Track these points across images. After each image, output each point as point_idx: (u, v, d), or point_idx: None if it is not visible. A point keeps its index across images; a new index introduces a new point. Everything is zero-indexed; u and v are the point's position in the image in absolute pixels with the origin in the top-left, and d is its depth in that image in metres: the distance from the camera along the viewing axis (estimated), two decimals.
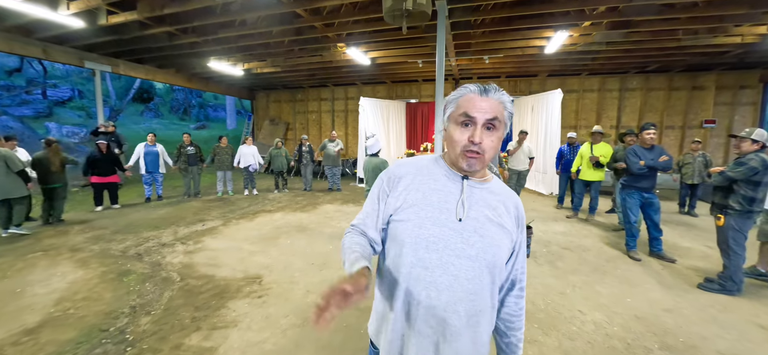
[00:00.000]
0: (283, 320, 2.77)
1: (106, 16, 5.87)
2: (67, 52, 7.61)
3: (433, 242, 0.88)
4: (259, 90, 13.61)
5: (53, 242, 4.66)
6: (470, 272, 0.88)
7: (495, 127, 0.88)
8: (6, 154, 4.80)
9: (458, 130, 0.89)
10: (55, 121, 14.78)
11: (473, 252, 0.88)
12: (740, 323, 2.75)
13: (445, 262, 0.87)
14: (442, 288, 0.87)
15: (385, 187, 0.99)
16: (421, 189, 0.94)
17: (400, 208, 0.93)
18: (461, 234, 0.89)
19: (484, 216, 0.92)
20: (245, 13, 5.79)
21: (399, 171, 0.99)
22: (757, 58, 7.74)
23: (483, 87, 0.89)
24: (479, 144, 0.86)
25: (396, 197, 0.95)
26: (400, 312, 0.92)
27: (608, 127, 9.77)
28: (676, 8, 5.34)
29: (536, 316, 2.83)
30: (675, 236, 5.01)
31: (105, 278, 3.54)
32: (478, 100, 0.87)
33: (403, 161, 1.03)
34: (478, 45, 7.32)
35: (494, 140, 0.88)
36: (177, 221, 5.76)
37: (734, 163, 3.10)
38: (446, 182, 0.95)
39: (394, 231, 0.94)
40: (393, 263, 0.94)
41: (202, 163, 7.95)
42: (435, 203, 0.91)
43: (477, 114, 0.86)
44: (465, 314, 0.88)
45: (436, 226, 0.89)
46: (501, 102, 0.88)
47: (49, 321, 2.74)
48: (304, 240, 4.77)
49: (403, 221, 0.92)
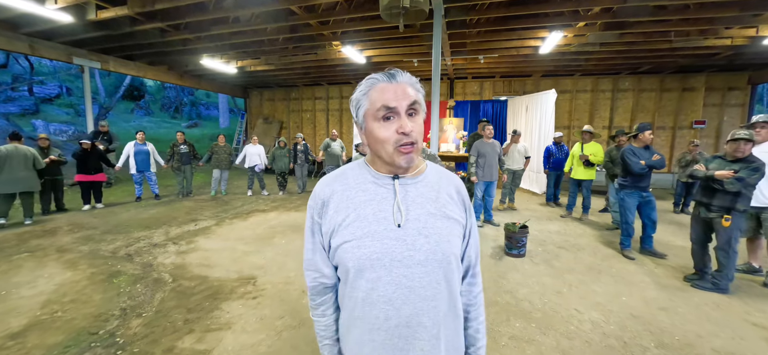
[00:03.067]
0: (278, 321, 2.72)
1: (96, 10, 5.75)
2: (54, 47, 7.42)
3: (377, 259, 0.80)
4: (252, 88, 13.47)
5: (40, 243, 4.53)
6: (424, 279, 0.80)
7: (416, 111, 0.81)
8: (34, 153, 5.48)
9: (381, 127, 0.80)
10: (42, 118, 14.46)
11: (422, 256, 0.80)
12: (734, 321, 2.78)
13: (395, 275, 0.80)
14: (399, 304, 0.80)
15: (315, 216, 0.89)
16: (351, 205, 0.84)
17: (335, 232, 0.84)
18: (404, 241, 0.81)
19: (426, 213, 0.84)
20: (239, 10, 5.70)
21: (324, 193, 0.88)
22: (745, 60, 7.90)
23: (389, 73, 0.81)
24: (410, 132, 0.78)
25: (328, 222, 0.86)
26: (361, 342, 0.84)
27: (601, 128, 9.88)
28: (669, 10, 5.41)
29: (534, 315, 2.83)
30: (668, 235, 5.07)
31: (94, 280, 3.45)
32: (393, 87, 0.79)
33: (326, 180, 0.91)
34: (473, 44, 7.34)
35: (420, 125, 0.81)
36: (169, 221, 5.66)
37: (749, 168, 3.02)
38: (376, 188, 0.85)
39: (336, 258, 0.85)
40: (344, 290, 0.87)
41: (197, 160, 7.80)
42: (370, 216, 0.82)
43: (396, 102, 0.78)
44: (432, 324, 0.82)
45: (376, 240, 0.80)
46: (411, 85, 0.81)
47: (36, 324, 2.66)
48: (299, 240, 4.71)
49: (341, 244, 0.83)
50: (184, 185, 7.73)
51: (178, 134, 7.58)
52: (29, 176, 5.40)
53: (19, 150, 5.35)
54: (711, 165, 3.30)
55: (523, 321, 2.71)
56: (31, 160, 5.43)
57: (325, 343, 0.96)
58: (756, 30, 6.07)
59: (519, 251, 4.10)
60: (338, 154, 8.40)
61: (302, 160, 8.45)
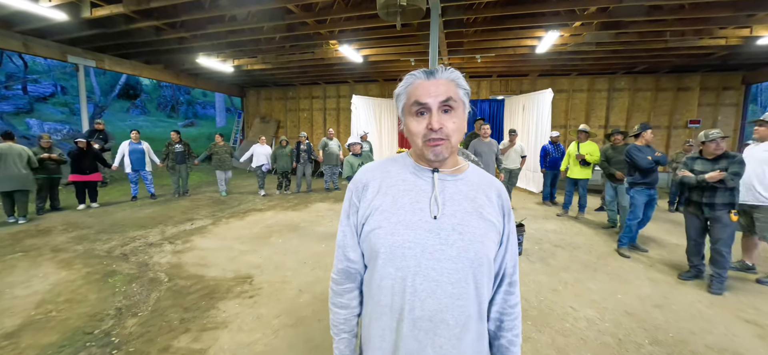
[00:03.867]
0: (274, 320, 2.72)
1: (90, 8, 5.70)
2: (49, 46, 7.36)
3: (409, 248, 0.81)
4: (249, 87, 13.42)
5: (34, 243, 4.50)
6: (453, 275, 0.80)
7: (452, 108, 0.82)
8: (28, 151, 5.53)
9: (414, 121, 0.83)
10: (36, 117, 14.33)
11: (453, 252, 0.80)
12: (726, 318, 2.81)
13: (424, 267, 0.80)
14: (425, 296, 0.80)
15: (354, 199, 0.91)
16: (390, 192, 0.86)
17: (370, 216, 0.86)
18: (438, 234, 0.81)
19: (463, 210, 0.84)
20: (235, 9, 5.68)
21: (364, 177, 0.91)
22: (739, 60, 7.97)
23: (429, 70, 0.83)
24: (439, 129, 0.80)
25: (365, 206, 0.88)
26: (385, 331, 0.85)
27: (597, 127, 9.93)
28: (664, 10, 5.45)
29: (529, 313, 2.84)
30: (662, 232, 5.11)
31: (89, 279, 3.43)
32: (427, 84, 0.81)
33: (368, 166, 0.95)
34: (470, 44, 7.35)
35: (455, 121, 0.82)
36: (165, 220, 5.63)
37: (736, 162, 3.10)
38: (415, 179, 0.87)
39: (367, 242, 0.86)
40: (371, 277, 0.88)
41: (192, 159, 7.73)
42: (406, 205, 0.84)
43: (429, 99, 0.80)
44: (455, 323, 0.81)
45: (410, 229, 0.82)
46: (452, 80, 0.82)
47: (30, 324, 2.64)
48: (296, 239, 4.70)
49: (375, 229, 0.84)
50: (179, 184, 7.70)
51: (173, 134, 7.54)
52: (24, 175, 5.42)
53: (14, 149, 5.34)
54: (695, 166, 3.35)
55: None
56: (26, 159, 5.47)
57: (343, 336, 0.95)
58: (750, 30, 6.12)
59: None
60: (336, 153, 8.37)
61: (305, 159, 8.37)
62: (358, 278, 0.95)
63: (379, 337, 0.86)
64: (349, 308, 0.95)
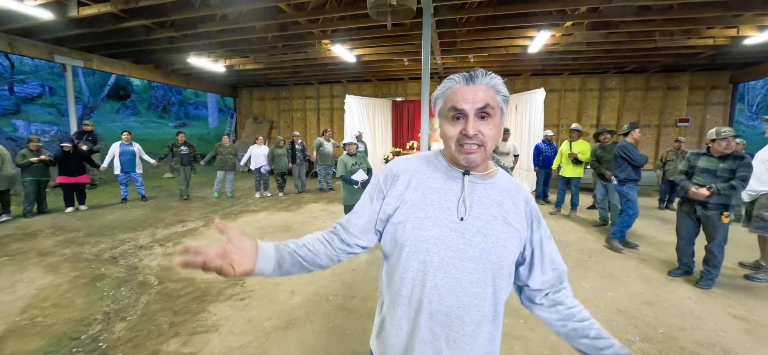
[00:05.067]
0: (266, 322, 2.69)
1: (77, 7, 5.58)
2: (35, 45, 7.21)
3: (434, 244, 0.83)
4: (242, 87, 13.31)
5: (20, 246, 4.40)
6: (474, 275, 0.82)
7: (489, 114, 0.82)
8: (7, 153, 5.61)
9: (450, 126, 0.84)
10: (23, 118, 14.06)
11: (476, 253, 0.82)
12: (715, 314, 2.85)
13: (446, 264, 0.82)
14: (444, 292, 0.82)
15: (382, 185, 0.93)
16: (419, 188, 0.89)
17: (399, 209, 0.88)
18: (463, 234, 0.83)
19: (489, 214, 0.86)
20: (226, 7, 5.61)
21: (396, 169, 0.94)
22: (727, 60, 8.11)
23: (469, 74, 0.83)
24: (474, 136, 0.81)
25: (394, 197, 0.90)
26: (404, 319, 0.87)
27: (588, 126, 10.02)
28: (653, 10, 5.52)
29: (522, 312, 2.85)
30: (652, 230, 5.17)
31: (76, 284, 3.36)
32: (465, 90, 0.82)
33: (401, 159, 0.96)
34: (463, 43, 7.37)
35: (492, 128, 0.82)
36: (155, 223, 5.55)
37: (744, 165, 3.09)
38: (446, 179, 0.89)
39: (392, 233, 0.88)
40: (393, 268, 0.90)
41: (196, 161, 7.49)
42: (435, 202, 0.86)
43: (465, 105, 0.81)
44: (470, 321, 0.83)
45: (436, 226, 0.84)
46: (491, 86, 0.82)
47: (15, 330, 2.58)
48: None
49: (402, 222, 0.86)
50: (186, 185, 7.43)
51: (179, 135, 7.32)
52: (7, 175, 5.47)
53: None
54: (699, 162, 3.34)
55: (512, 318, 2.73)
56: (9, 160, 5.53)
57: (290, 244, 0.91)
58: (737, 30, 6.23)
59: None
60: (331, 153, 8.33)
61: (301, 159, 8.29)
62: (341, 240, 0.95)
63: (396, 326, 0.88)
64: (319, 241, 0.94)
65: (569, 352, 2.35)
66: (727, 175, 3.15)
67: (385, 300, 0.94)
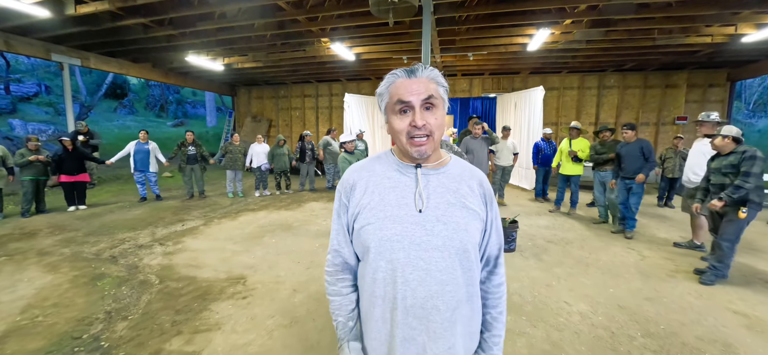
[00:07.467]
0: (269, 320, 2.69)
1: (74, 5, 5.54)
2: (31, 44, 7.16)
3: (397, 241, 0.85)
4: (240, 86, 13.26)
5: (19, 246, 4.37)
6: (441, 263, 0.85)
7: (434, 105, 0.85)
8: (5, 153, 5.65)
9: (398, 119, 0.86)
10: (19, 118, 13.96)
11: (439, 242, 0.85)
12: (716, 309, 2.87)
13: (413, 258, 0.85)
14: (416, 285, 0.85)
15: (343, 198, 0.96)
16: (376, 191, 0.91)
17: (360, 214, 0.91)
18: (424, 226, 0.86)
19: (446, 201, 0.88)
20: (225, 5, 5.59)
21: (352, 178, 0.96)
22: (725, 57, 8.14)
23: (410, 68, 0.86)
24: (423, 126, 0.83)
25: (354, 205, 0.93)
26: (380, 320, 0.90)
27: (587, 124, 10.05)
28: (652, 8, 5.53)
29: (524, 308, 2.86)
30: (651, 228, 5.20)
31: (77, 283, 3.34)
32: (408, 83, 0.84)
33: (355, 166, 0.99)
34: (462, 41, 7.37)
35: (437, 118, 0.86)
36: (155, 222, 5.53)
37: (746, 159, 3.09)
38: (400, 176, 0.92)
39: (358, 238, 0.91)
40: (364, 271, 0.92)
41: (205, 160, 7.34)
42: (393, 201, 0.89)
43: (411, 97, 0.83)
44: (446, 309, 0.86)
45: (397, 223, 0.86)
46: (432, 78, 0.86)
47: (15, 330, 2.56)
48: (289, 239, 4.66)
49: (365, 226, 0.89)
50: (193, 185, 7.36)
51: (188, 134, 7.19)
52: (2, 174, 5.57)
53: None
54: (712, 163, 3.39)
55: (514, 314, 2.74)
56: (9, 157, 5.60)
57: (340, 320, 0.99)
58: (735, 28, 6.25)
59: (509, 246, 4.15)
60: (338, 152, 8.30)
61: (310, 157, 8.23)
62: (349, 270, 1.00)
63: (375, 327, 0.91)
64: (343, 294, 0.99)
65: (571, 348, 2.36)
66: (731, 170, 3.17)
67: (363, 303, 0.97)
